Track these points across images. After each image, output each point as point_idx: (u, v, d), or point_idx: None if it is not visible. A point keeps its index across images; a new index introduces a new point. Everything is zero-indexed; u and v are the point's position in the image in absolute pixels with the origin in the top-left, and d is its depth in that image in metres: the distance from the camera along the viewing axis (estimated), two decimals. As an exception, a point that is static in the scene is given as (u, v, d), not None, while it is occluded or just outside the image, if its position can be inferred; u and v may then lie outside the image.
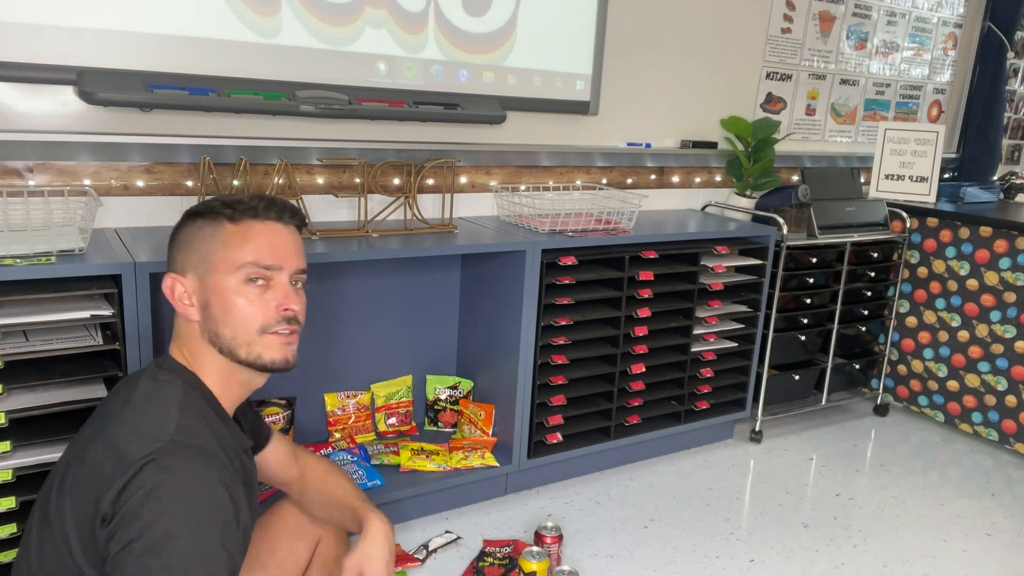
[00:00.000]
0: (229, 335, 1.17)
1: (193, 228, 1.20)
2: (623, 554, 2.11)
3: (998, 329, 2.86)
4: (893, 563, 2.15)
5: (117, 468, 1.02)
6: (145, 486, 1.00)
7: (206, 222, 1.19)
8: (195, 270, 1.18)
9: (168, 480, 1.01)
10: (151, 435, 1.05)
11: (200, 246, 1.18)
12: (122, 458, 1.03)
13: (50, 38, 1.78)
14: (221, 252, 1.17)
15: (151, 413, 1.10)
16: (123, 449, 1.04)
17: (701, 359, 2.63)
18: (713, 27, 2.94)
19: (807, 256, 2.82)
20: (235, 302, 1.17)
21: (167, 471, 1.01)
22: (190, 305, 1.19)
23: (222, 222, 1.18)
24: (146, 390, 1.14)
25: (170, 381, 1.15)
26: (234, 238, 1.18)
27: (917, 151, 3.18)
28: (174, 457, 1.03)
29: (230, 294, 1.17)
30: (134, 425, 1.08)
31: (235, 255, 1.17)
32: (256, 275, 1.18)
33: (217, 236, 1.18)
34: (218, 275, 1.17)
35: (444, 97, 2.31)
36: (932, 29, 3.66)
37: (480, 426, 2.36)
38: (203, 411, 1.15)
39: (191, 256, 1.19)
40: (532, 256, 2.16)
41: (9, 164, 1.82)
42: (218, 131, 2.05)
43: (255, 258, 1.17)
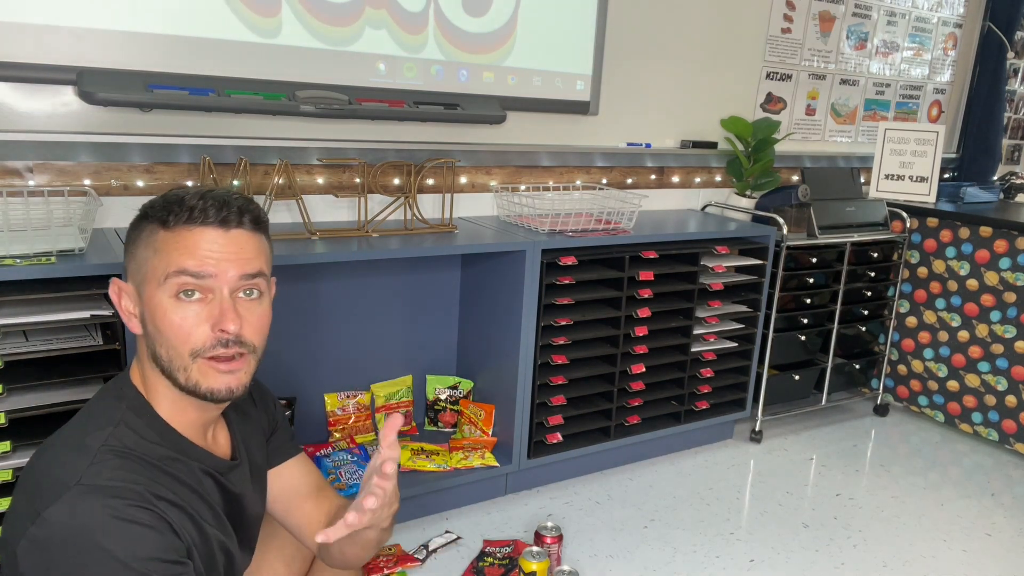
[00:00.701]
0: (165, 356, 1.04)
1: (136, 230, 1.07)
2: (623, 554, 2.11)
3: (998, 329, 2.86)
4: (893, 563, 2.15)
5: (24, 512, 0.97)
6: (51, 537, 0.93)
7: (145, 224, 1.06)
8: (133, 278, 1.06)
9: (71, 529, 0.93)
10: (57, 481, 0.96)
11: (136, 251, 1.06)
12: (29, 503, 0.97)
13: (50, 38, 1.78)
14: (152, 261, 1.03)
15: (66, 454, 1.00)
16: (31, 492, 0.98)
17: (701, 359, 2.63)
18: (713, 27, 2.94)
19: (807, 256, 2.82)
20: (166, 319, 1.02)
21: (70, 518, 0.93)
22: (133, 315, 1.07)
23: (156, 227, 1.04)
24: (81, 420, 1.06)
25: (109, 409, 1.06)
26: (165, 245, 1.02)
27: (917, 151, 3.18)
28: (78, 503, 0.94)
29: (162, 309, 1.02)
30: (47, 466, 1.00)
31: (164, 264, 1.02)
32: (188, 286, 1.02)
33: (150, 243, 1.04)
34: (151, 287, 1.03)
35: (444, 97, 2.31)
36: (932, 29, 3.66)
37: (480, 426, 2.36)
38: (139, 444, 1.04)
39: (130, 263, 1.07)
40: (532, 256, 2.16)
41: (9, 164, 1.82)
42: (218, 131, 2.05)
43: (182, 266, 1.02)
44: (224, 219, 1.04)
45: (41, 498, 0.95)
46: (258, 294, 1.09)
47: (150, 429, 1.06)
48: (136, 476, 1.00)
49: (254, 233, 1.08)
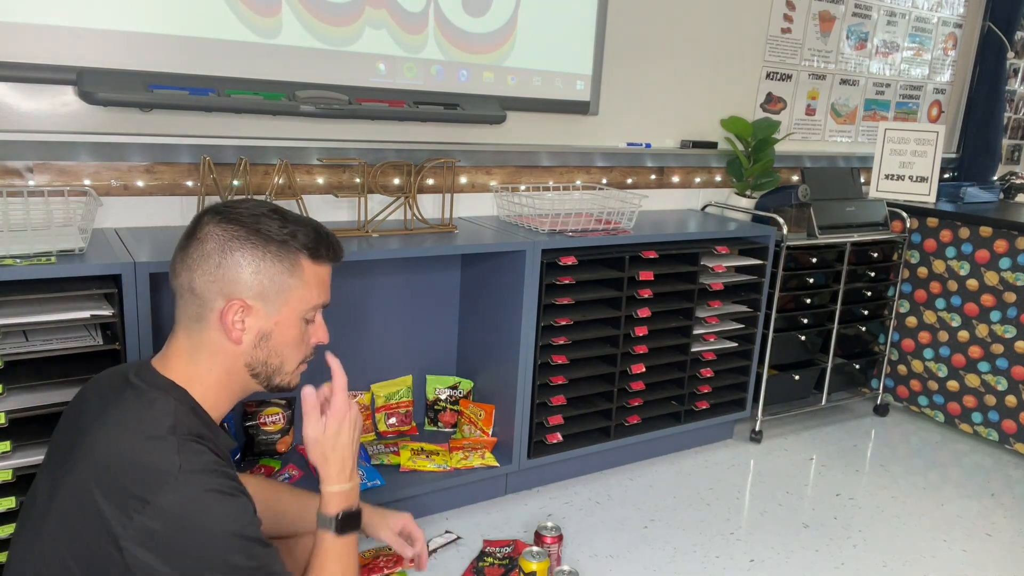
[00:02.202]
0: (277, 364, 1.18)
1: (263, 252, 1.13)
2: (623, 554, 2.11)
3: (998, 329, 2.86)
4: (893, 563, 2.15)
5: (122, 506, 0.98)
6: (170, 524, 0.99)
7: (280, 251, 1.13)
8: (264, 300, 1.13)
9: (187, 511, 1.00)
10: (157, 469, 1.01)
11: (275, 276, 1.13)
12: (124, 496, 0.99)
13: (50, 38, 1.78)
14: (300, 291, 1.16)
15: (147, 443, 1.04)
16: (124, 487, 1.00)
17: (701, 359, 2.63)
18: (713, 27, 2.94)
19: (807, 256, 2.82)
20: (297, 338, 1.19)
21: (184, 502, 1.00)
22: (243, 331, 1.14)
23: (300, 259, 1.15)
24: (130, 411, 1.08)
25: (156, 398, 1.09)
26: (312, 279, 1.17)
27: (917, 151, 3.18)
28: (188, 486, 1.01)
29: (293, 330, 1.17)
30: (130, 458, 1.02)
31: (312, 297, 1.18)
32: (313, 316, 1.20)
33: (295, 272, 1.15)
34: (289, 311, 1.16)
35: (444, 97, 2.31)
36: (932, 29, 3.66)
37: (480, 426, 2.36)
38: (194, 428, 1.09)
39: (262, 282, 1.13)
40: (532, 256, 2.16)
41: (9, 164, 1.82)
42: (218, 131, 2.05)
43: (323, 300, 1.20)
44: (338, 257, 1.23)
45: (145, 488, 0.99)
46: None
47: (195, 415, 1.12)
48: (212, 458, 1.06)
49: None
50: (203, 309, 1.13)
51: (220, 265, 1.11)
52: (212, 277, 1.12)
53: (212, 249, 1.12)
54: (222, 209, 1.15)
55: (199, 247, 1.13)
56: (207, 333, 1.14)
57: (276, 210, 1.17)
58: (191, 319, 1.14)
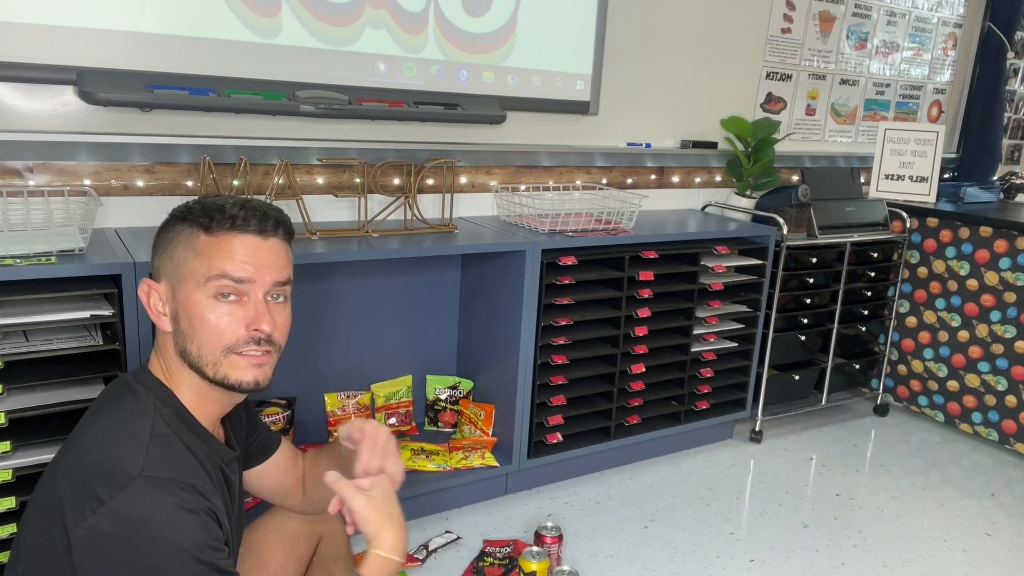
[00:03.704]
0: (196, 352, 1.10)
1: (171, 232, 1.13)
2: (623, 554, 2.11)
3: (998, 329, 2.86)
4: (893, 563, 2.15)
5: (80, 501, 0.98)
6: (119, 528, 0.96)
7: (183, 227, 1.12)
8: (168, 278, 1.12)
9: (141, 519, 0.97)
10: (119, 471, 0.99)
11: (174, 253, 1.11)
12: (84, 492, 0.98)
13: (50, 38, 1.78)
14: (192, 263, 1.10)
15: (119, 444, 1.03)
16: (86, 482, 0.99)
17: (701, 359, 2.63)
18: (713, 27, 2.94)
19: (807, 256, 2.82)
20: (203, 318, 1.09)
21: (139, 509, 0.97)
22: (163, 314, 1.12)
23: (197, 231, 1.10)
24: (116, 411, 1.09)
25: (141, 399, 1.10)
26: (207, 249, 1.09)
27: (917, 151, 3.18)
28: (145, 494, 0.98)
29: (199, 309, 1.09)
30: (100, 456, 1.02)
31: (204, 267, 1.09)
32: (226, 289, 1.09)
33: (190, 245, 1.10)
34: (188, 287, 1.10)
35: (444, 97, 2.31)
36: (932, 29, 3.66)
37: (480, 426, 2.36)
38: (177, 432, 1.09)
39: (166, 262, 1.12)
40: (532, 256, 2.16)
41: (9, 164, 1.82)
42: (218, 131, 2.05)
43: (223, 271, 1.09)
44: (263, 228, 1.13)
45: (103, 487, 0.97)
46: (283, 299, 1.17)
47: (178, 418, 1.11)
48: (184, 466, 1.05)
49: (285, 243, 1.18)
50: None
51: (152, 253, 1.16)
52: (151, 265, 1.16)
53: (153, 241, 1.17)
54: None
55: (154, 241, 1.17)
56: (156, 330, 1.16)
57: (235, 198, 1.15)
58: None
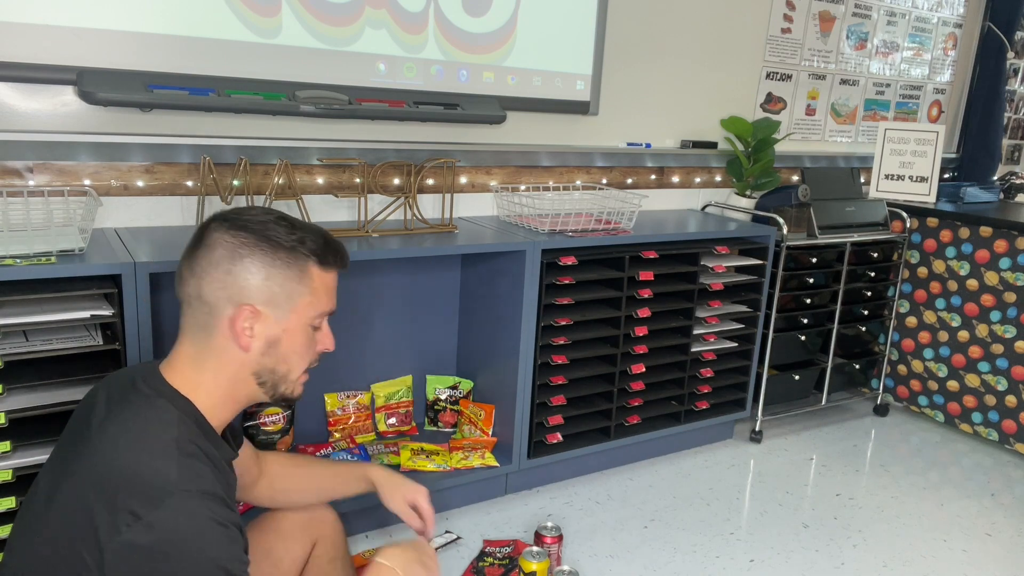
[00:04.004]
0: (284, 372, 1.17)
1: (273, 259, 1.13)
2: (623, 554, 2.11)
3: (998, 329, 2.86)
4: (893, 563, 2.15)
5: (114, 515, 0.97)
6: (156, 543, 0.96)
7: (289, 257, 1.13)
8: (275, 307, 1.13)
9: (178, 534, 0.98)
10: (155, 485, 1.00)
11: (284, 283, 1.13)
12: (117, 506, 0.98)
13: (50, 38, 1.78)
14: (308, 298, 1.15)
15: (150, 456, 1.03)
16: (118, 496, 0.98)
17: (701, 359, 2.63)
18: (713, 27, 2.94)
19: (807, 256, 2.82)
20: (304, 346, 1.18)
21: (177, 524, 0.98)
22: (251, 337, 1.13)
23: (309, 265, 1.15)
24: (137, 419, 1.08)
25: (160, 408, 1.09)
26: (321, 286, 1.17)
27: (917, 151, 3.18)
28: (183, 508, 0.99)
29: (302, 338, 1.17)
30: (131, 469, 1.01)
31: (321, 304, 1.18)
32: (320, 322, 1.20)
33: (304, 279, 1.15)
34: (298, 318, 1.16)
35: (444, 97, 2.31)
36: (932, 29, 3.66)
37: (480, 426, 2.36)
38: (199, 442, 1.09)
39: (271, 288, 1.13)
40: (532, 256, 2.16)
41: (9, 164, 1.82)
42: (218, 131, 2.05)
43: (330, 307, 1.20)
44: (345, 264, 1.24)
45: (139, 502, 0.97)
46: None
47: (197, 427, 1.12)
48: (212, 478, 1.06)
49: None
50: (211, 317, 1.12)
51: (230, 272, 1.11)
52: (221, 284, 1.11)
53: (221, 256, 1.11)
54: (230, 216, 1.15)
55: (207, 254, 1.12)
56: (215, 340, 1.13)
57: (283, 217, 1.17)
58: (198, 327, 1.13)
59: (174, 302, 1.17)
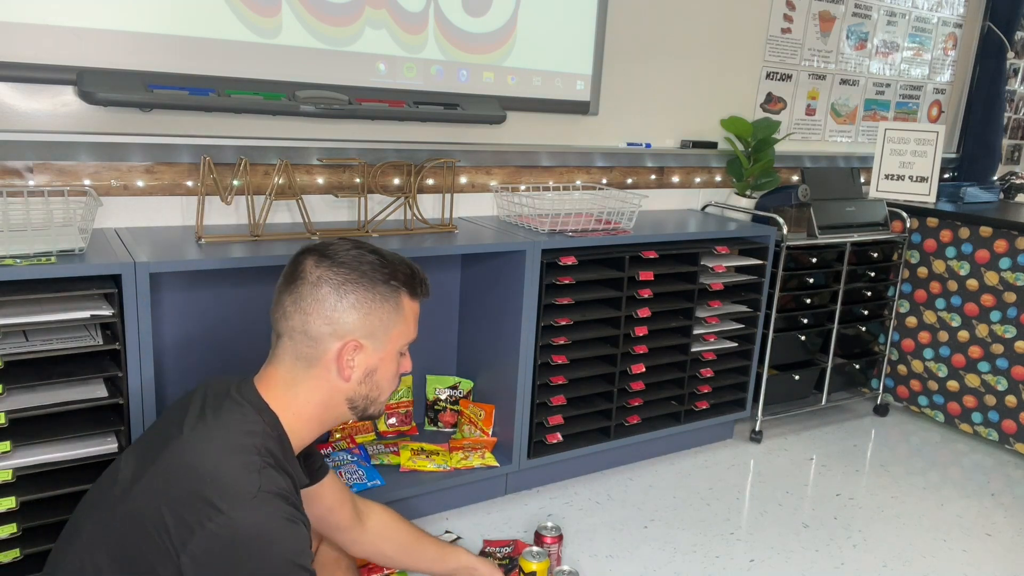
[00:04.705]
0: (375, 396, 1.26)
1: (372, 294, 1.21)
2: (623, 554, 2.11)
3: (998, 329, 2.86)
4: (893, 563, 2.15)
5: (197, 510, 1.03)
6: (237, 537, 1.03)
7: (386, 292, 1.22)
8: (373, 339, 1.22)
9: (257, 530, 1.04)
10: (238, 485, 1.06)
11: (382, 316, 1.22)
12: (200, 503, 1.03)
13: (50, 38, 1.78)
14: (400, 328, 1.24)
15: (235, 458, 1.09)
16: (202, 493, 1.04)
17: (701, 359, 2.63)
18: (713, 27, 2.94)
19: (807, 256, 2.82)
20: (395, 374, 1.28)
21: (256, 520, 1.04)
22: (353, 368, 1.21)
23: (402, 297, 1.24)
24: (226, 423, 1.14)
25: (249, 417, 1.15)
26: (410, 315, 1.26)
27: (917, 151, 3.18)
28: (261, 508, 1.05)
29: (394, 367, 1.27)
30: (216, 468, 1.07)
31: (410, 332, 1.27)
32: (407, 348, 1.29)
33: (399, 310, 1.23)
34: (391, 347, 1.24)
35: (444, 97, 2.31)
36: (932, 29, 3.66)
37: (480, 426, 2.36)
38: (275, 452, 1.15)
39: (372, 322, 1.21)
40: (532, 256, 2.16)
41: (9, 164, 1.82)
42: (218, 131, 2.05)
43: (415, 338, 1.29)
44: (428, 293, 1.31)
45: (222, 499, 1.03)
46: None
47: (278, 442, 1.17)
48: (287, 484, 1.13)
49: None
50: (316, 350, 1.19)
51: (335, 308, 1.19)
52: (327, 319, 1.19)
53: (327, 293, 1.19)
54: (326, 252, 1.21)
55: (313, 291, 1.19)
56: (315, 370, 1.20)
57: (374, 250, 1.25)
58: (300, 357, 1.20)
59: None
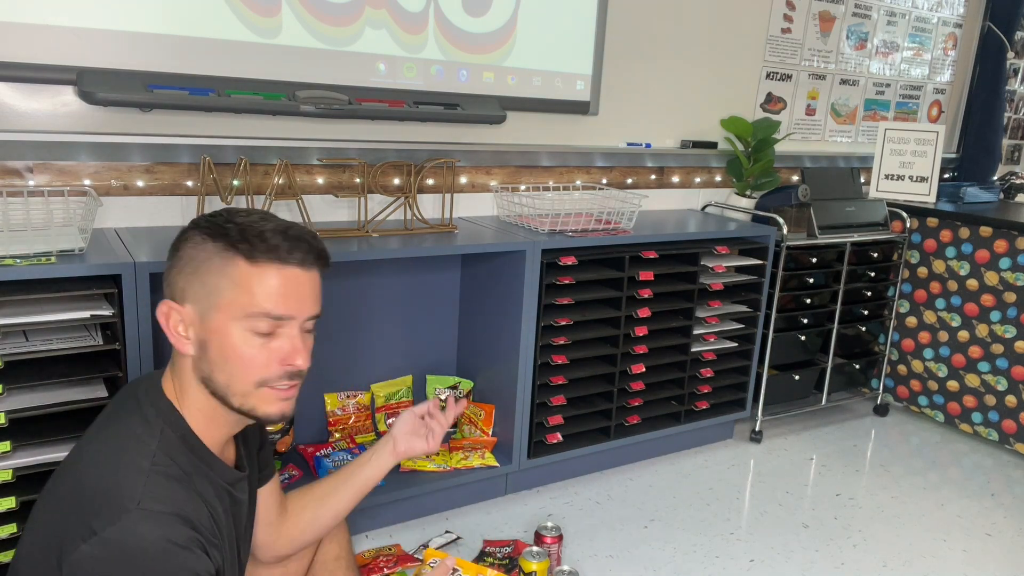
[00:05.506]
0: (224, 382, 1.05)
1: (201, 251, 1.04)
2: (623, 554, 2.11)
3: (998, 329, 2.86)
4: (893, 563, 2.15)
5: (76, 527, 0.96)
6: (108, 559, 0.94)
7: (217, 249, 1.03)
8: (196, 303, 1.04)
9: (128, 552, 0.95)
10: (115, 501, 0.97)
11: (206, 278, 1.03)
12: (80, 519, 0.97)
13: (50, 38, 1.78)
14: (230, 293, 1.02)
15: (119, 472, 1.00)
16: (83, 508, 0.98)
17: (701, 359, 2.63)
18: (713, 27, 2.94)
19: (807, 256, 2.82)
20: (237, 351, 1.04)
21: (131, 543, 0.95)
22: (185, 337, 1.06)
23: (235, 257, 1.02)
24: (122, 433, 1.06)
25: (150, 423, 1.06)
26: (248, 281, 1.02)
27: (917, 151, 3.18)
28: (138, 526, 0.96)
29: (233, 341, 1.03)
30: (98, 482, 1.00)
31: (246, 301, 1.02)
32: (265, 327, 1.04)
33: (227, 272, 1.02)
34: (222, 317, 1.03)
35: (444, 97, 2.31)
36: (932, 29, 3.66)
37: (480, 426, 2.36)
38: (178, 460, 1.05)
39: (193, 284, 1.04)
40: (532, 256, 2.16)
41: (9, 164, 1.82)
42: (218, 131, 2.05)
43: (267, 309, 1.03)
44: (305, 260, 1.06)
45: (98, 517, 0.96)
46: (311, 329, 1.13)
47: (183, 444, 1.08)
48: (181, 499, 1.02)
49: (322, 271, 1.11)
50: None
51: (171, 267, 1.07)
52: (167, 280, 1.07)
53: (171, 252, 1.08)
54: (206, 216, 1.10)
55: (173, 253, 1.09)
56: (173, 349, 1.10)
57: (265, 216, 1.08)
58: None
59: None
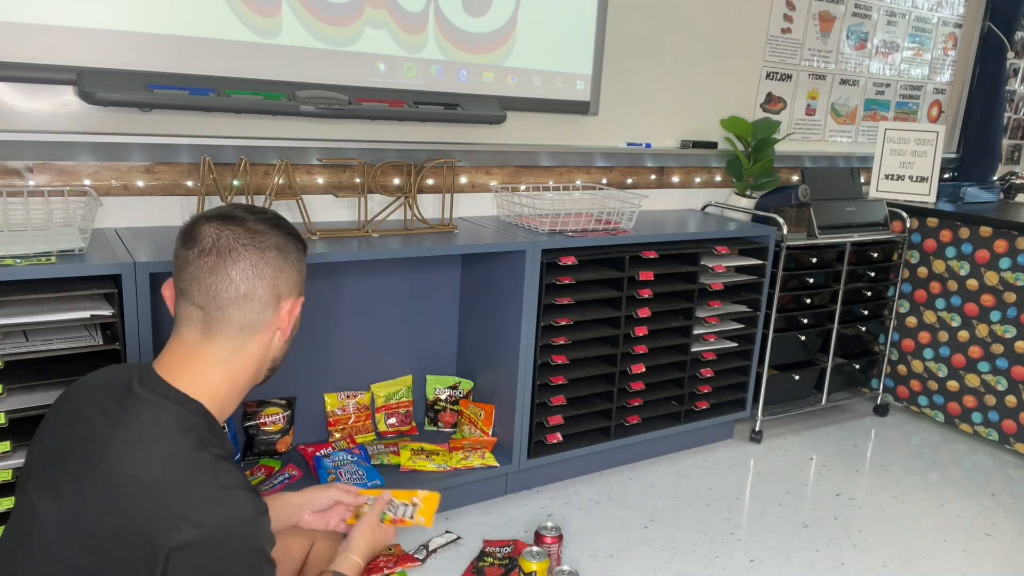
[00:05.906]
0: (285, 352, 1.24)
1: (293, 251, 1.21)
2: (623, 554, 2.11)
3: (998, 329, 2.86)
4: (893, 563, 2.15)
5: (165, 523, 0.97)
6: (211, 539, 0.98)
7: (297, 247, 1.23)
8: (296, 289, 1.23)
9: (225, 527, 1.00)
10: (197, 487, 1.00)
11: (295, 271, 1.21)
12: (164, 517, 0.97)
13: (50, 38, 1.78)
14: (303, 278, 1.24)
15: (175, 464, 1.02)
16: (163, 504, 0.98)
17: (701, 359, 2.63)
18: (713, 27, 2.94)
19: (807, 256, 2.82)
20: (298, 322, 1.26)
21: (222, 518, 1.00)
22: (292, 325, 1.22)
23: (303, 251, 1.25)
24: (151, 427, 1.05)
25: (171, 411, 1.07)
26: (304, 265, 1.25)
27: (917, 151, 3.18)
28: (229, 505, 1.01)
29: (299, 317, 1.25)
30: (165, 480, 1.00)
31: (303, 283, 1.25)
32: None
33: (302, 263, 1.23)
34: (300, 301, 1.24)
35: (444, 97, 2.31)
36: (932, 29, 3.66)
37: (480, 426, 2.36)
38: (212, 440, 1.08)
39: (291, 277, 1.21)
40: (532, 256, 2.16)
41: (9, 164, 1.82)
42: (218, 131, 2.05)
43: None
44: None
45: (183, 505, 0.98)
46: None
47: (208, 428, 1.11)
48: (239, 472, 1.08)
49: None
50: (264, 313, 1.15)
51: (282, 269, 1.18)
52: (278, 280, 1.17)
53: (275, 256, 1.17)
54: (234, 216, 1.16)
55: (260, 254, 1.14)
56: (260, 335, 1.16)
57: (264, 211, 1.23)
58: (245, 327, 1.13)
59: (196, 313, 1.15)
